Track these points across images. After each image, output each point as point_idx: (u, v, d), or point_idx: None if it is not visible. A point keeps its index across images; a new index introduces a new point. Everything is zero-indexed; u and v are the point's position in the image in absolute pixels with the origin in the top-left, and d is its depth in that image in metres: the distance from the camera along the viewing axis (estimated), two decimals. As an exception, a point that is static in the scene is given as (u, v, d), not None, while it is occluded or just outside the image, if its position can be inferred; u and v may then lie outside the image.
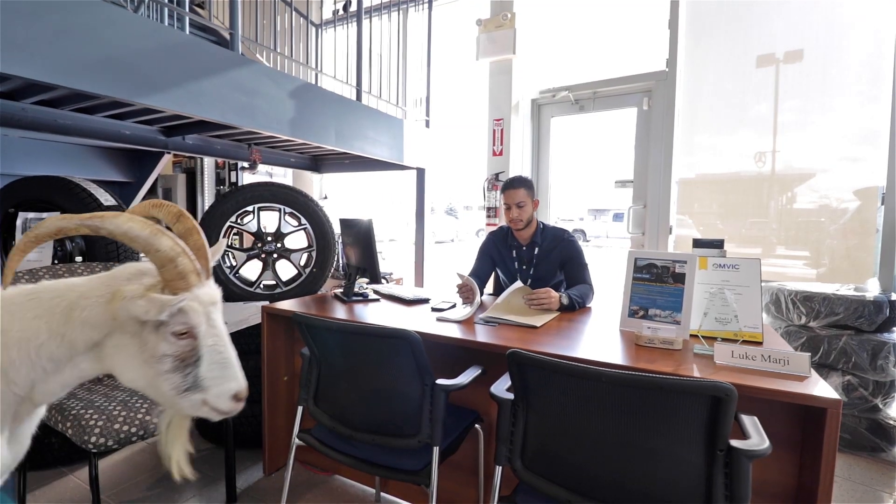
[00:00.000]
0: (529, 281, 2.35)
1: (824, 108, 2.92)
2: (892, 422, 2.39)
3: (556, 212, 4.14)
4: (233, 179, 4.58)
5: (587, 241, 13.03)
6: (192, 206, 4.47)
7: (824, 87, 2.91)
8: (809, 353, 1.29)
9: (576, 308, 2.06)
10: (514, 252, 2.42)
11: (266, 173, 4.79)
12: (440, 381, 1.37)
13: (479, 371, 1.50)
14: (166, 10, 2.32)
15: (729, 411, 0.93)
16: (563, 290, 2.12)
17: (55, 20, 1.51)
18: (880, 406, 2.39)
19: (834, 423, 1.13)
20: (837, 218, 2.90)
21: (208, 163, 4.47)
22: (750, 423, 1.08)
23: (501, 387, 1.30)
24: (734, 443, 0.97)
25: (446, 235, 14.67)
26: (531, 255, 2.37)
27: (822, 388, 1.19)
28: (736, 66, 3.15)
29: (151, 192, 4.32)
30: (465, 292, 2.09)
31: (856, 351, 2.41)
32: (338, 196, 5.17)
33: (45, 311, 0.85)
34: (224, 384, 0.90)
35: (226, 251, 2.59)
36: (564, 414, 1.12)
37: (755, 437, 1.00)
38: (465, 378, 1.42)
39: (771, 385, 1.21)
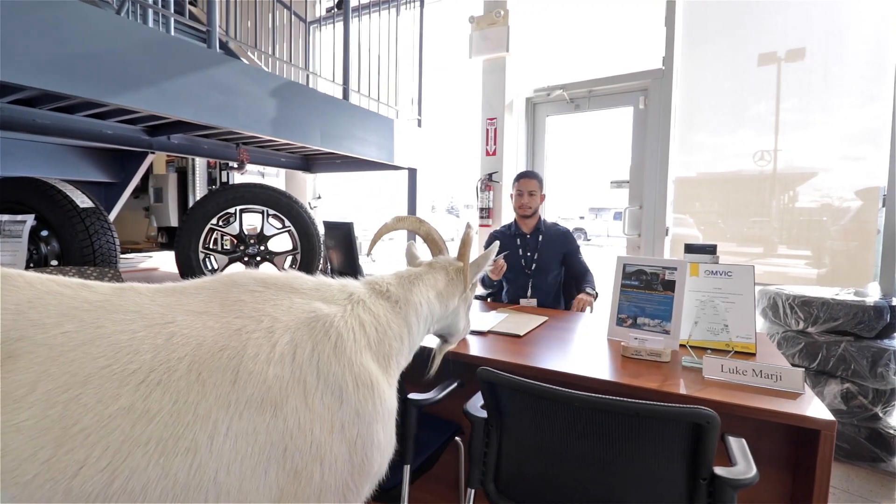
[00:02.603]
0: (534, 266, 2.49)
1: (825, 107, 2.84)
2: (892, 431, 2.31)
3: (555, 211, 4.07)
4: (224, 179, 4.51)
5: (588, 240, 12.92)
6: (183, 206, 4.39)
7: (825, 86, 2.83)
8: (803, 369, 1.22)
9: (596, 297, 2.42)
10: (519, 240, 2.55)
11: (258, 173, 4.72)
12: (412, 396, 1.30)
13: (456, 384, 1.43)
14: (150, 10, 2.25)
15: (711, 439, 0.86)
16: (586, 287, 2.42)
17: (18, 18, 1.44)
18: (880, 415, 2.31)
19: (828, 446, 1.06)
20: (839, 218, 2.82)
21: (200, 162, 4.39)
22: (737, 446, 1.00)
23: (477, 403, 1.22)
24: (718, 470, 0.90)
25: (447, 234, 14.57)
26: (536, 242, 2.54)
27: (816, 408, 1.12)
28: (736, 64, 3.06)
29: (142, 192, 4.26)
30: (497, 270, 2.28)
31: (855, 358, 2.33)
32: (333, 196, 5.09)
33: (434, 287, 1.15)
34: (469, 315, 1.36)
35: (206, 254, 2.52)
36: (539, 436, 1.05)
37: (741, 464, 0.92)
38: (438, 392, 1.35)
39: (762, 404, 1.13)
